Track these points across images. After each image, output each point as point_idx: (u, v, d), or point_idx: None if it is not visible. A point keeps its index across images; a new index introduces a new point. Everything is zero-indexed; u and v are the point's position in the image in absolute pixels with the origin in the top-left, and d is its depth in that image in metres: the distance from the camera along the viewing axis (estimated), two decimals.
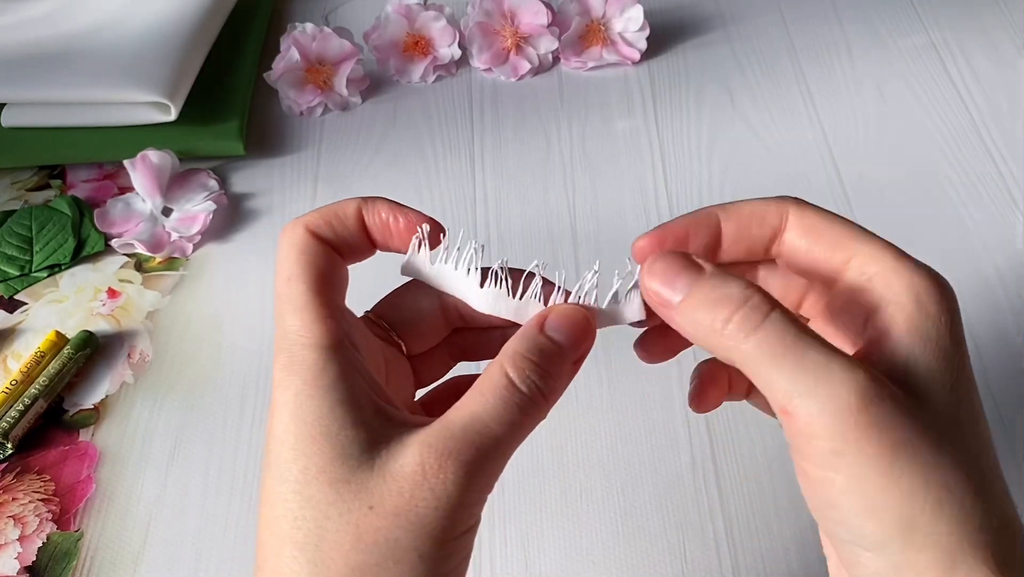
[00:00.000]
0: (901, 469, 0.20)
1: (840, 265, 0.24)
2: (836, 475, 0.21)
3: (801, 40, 0.63)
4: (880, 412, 0.20)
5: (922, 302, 0.22)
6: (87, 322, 0.49)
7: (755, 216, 0.25)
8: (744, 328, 0.21)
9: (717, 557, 0.39)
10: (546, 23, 0.59)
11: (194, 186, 0.54)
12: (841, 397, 0.20)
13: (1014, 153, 0.55)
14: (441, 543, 0.22)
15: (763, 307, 0.22)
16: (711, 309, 0.22)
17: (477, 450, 0.22)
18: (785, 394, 0.21)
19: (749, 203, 0.25)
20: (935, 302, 0.22)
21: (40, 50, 0.57)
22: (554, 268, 0.50)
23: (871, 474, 0.20)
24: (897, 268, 0.23)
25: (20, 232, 0.53)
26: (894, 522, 0.20)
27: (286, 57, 0.58)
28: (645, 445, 0.43)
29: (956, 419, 0.22)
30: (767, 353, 0.21)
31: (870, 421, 0.20)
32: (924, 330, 0.22)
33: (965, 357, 0.22)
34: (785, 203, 0.25)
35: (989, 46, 0.61)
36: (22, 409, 0.44)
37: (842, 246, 0.24)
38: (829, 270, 0.24)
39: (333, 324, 0.24)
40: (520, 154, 0.57)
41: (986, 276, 0.49)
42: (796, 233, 0.25)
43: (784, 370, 0.21)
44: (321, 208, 0.26)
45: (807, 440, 0.21)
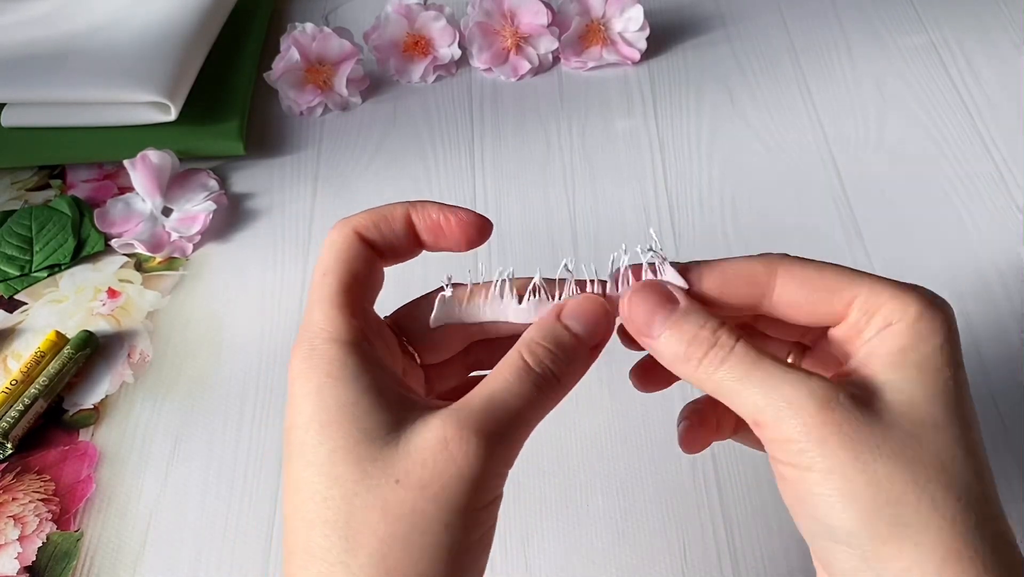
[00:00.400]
0: (864, 461, 0.22)
1: (843, 308, 0.25)
2: (807, 472, 0.23)
3: (801, 40, 0.63)
4: (838, 410, 0.23)
5: (918, 328, 0.24)
6: (87, 322, 0.49)
7: (739, 276, 0.26)
8: (714, 362, 0.24)
9: (717, 557, 0.39)
10: (546, 23, 0.59)
11: (194, 186, 0.54)
12: (799, 400, 0.23)
13: (1014, 153, 0.55)
14: (465, 513, 0.23)
15: (729, 342, 0.24)
16: (686, 347, 0.25)
17: (497, 422, 0.24)
18: (754, 408, 0.24)
19: (735, 263, 0.26)
20: (930, 326, 0.24)
21: (40, 50, 0.57)
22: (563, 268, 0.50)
23: (835, 466, 0.22)
24: (897, 298, 0.24)
25: (20, 232, 0.53)
26: (860, 511, 0.22)
27: (286, 57, 0.58)
28: (645, 445, 0.43)
29: (937, 424, 0.23)
30: (735, 378, 0.24)
31: (827, 418, 0.22)
32: (914, 351, 0.24)
33: (959, 380, 0.24)
34: (773, 261, 0.26)
35: (989, 46, 0.61)
36: (22, 409, 0.44)
37: (841, 290, 0.25)
38: (832, 314, 0.26)
39: (356, 322, 0.25)
40: (520, 154, 0.57)
41: (986, 276, 0.49)
42: (792, 288, 0.26)
43: (750, 388, 0.24)
44: (370, 210, 0.28)
45: (778, 445, 0.23)
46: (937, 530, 0.22)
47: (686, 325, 0.25)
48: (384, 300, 0.33)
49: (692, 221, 0.52)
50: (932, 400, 0.23)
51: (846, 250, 0.50)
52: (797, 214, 0.52)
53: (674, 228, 0.52)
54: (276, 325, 0.49)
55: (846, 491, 0.22)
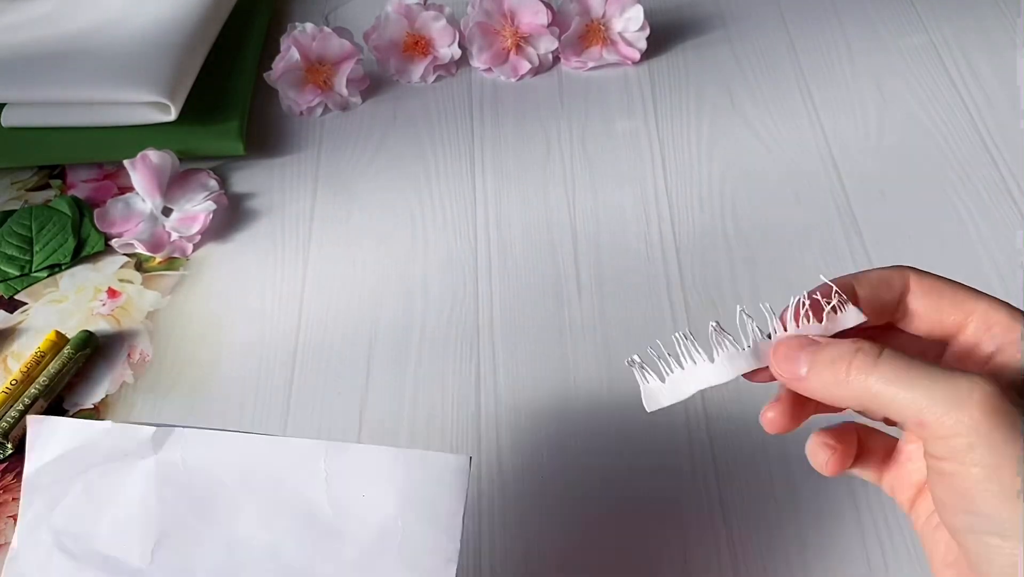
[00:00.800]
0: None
1: (962, 320, 0.27)
2: (972, 467, 0.23)
3: (801, 40, 0.63)
4: (1005, 408, 0.23)
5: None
6: (87, 322, 0.49)
7: (883, 281, 0.28)
8: (864, 371, 0.25)
9: (717, 557, 0.39)
10: (546, 23, 0.59)
11: (194, 186, 0.54)
12: (969, 398, 0.23)
13: (1014, 153, 0.55)
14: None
15: (874, 350, 0.25)
16: (833, 368, 0.26)
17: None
18: (916, 408, 0.24)
19: (876, 271, 0.28)
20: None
21: (40, 50, 0.57)
22: (561, 275, 0.50)
23: (1004, 462, 0.23)
24: (1016, 317, 0.26)
25: (20, 232, 0.53)
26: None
27: (286, 57, 0.58)
28: (645, 445, 0.43)
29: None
30: (891, 381, 0.24)
31: (997, 415, 0.23)
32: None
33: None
34: (905, 270, 0.28)
35: (989, 46, 0.61)
36: (22, 409, 0.44)
37: (962, 304, 0.27)
38: (951, 325, 0.27)
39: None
40: (520, 154, 0.57)
41: (986, 276, 0.49)
42: (918, 294, 0.28)
43: (910, 388, 0.24)
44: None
45: (943, 441, 0.24)
46: None
47: (826, 351, 0.26)
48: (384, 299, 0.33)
49: (692, 221, 0.52)
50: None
51: (846, 250, 0.50)
52: (797, 214, 0.52)
53: (674, 228, 0.52)
54: (276, 325, 0.49)
55: (1012, 487, 0.23)
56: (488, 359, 0.47)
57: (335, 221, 0.54)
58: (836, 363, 0.25)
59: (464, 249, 0.51)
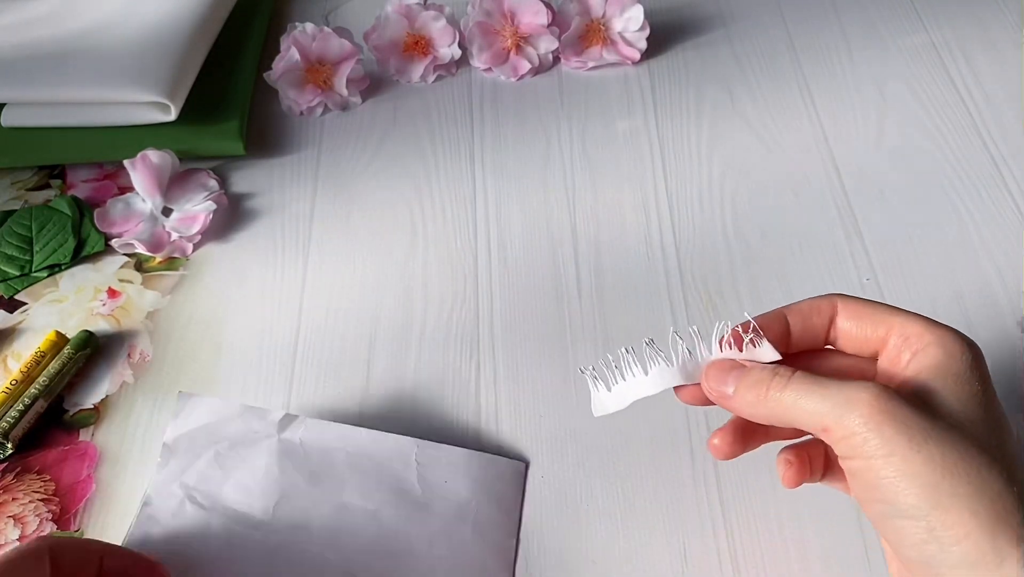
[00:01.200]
0: (918, 444, 0.26)
1: (884, 335, 0.30)
2: (871, 460, 0.27)
3: (801, 40, 0.63)
4: (892, 405, 0.27)
5: (947, 347, 0.29)
6: (87, 322, 0.49)
7: (813, 308, 0.32)
8: (779, 389, 0.29)
9: (717, 557, 0.39)
10: (546, 23, 0.59)
11: (194, 186, 0.54)
12: (859, 400, 0.27)
13: (1014, 153, 0.55)
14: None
15: (787, 372, 0.29)
16: (755, 389, 0.29)
17: None
18: (819, 416, 0.28)
19: (807, 300, 0.32)
20: (958, 347, 0.29)
21: (40, 50, 0.57)
22: (561, 274, 0.50)
23: (895, 450, 0.26)
24: (928, 327, 0.29)
25: (20, 232, 0.53)
26: (921, 486, 0.26)
27: (286, 57, 0.58)
28: (645, 445, 0.43)
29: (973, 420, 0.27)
30: (800, 395, 0.28)
31: (885, 412, 0.26)
32: (947, 365, 0.28)
33: (988, 391, 0.28)
34: (833, 297, 0.32)
35: (989, 46, 0.61)
36: (22, 409, 0.44)
37: (883, 321, 0.30)
38: (876, 341, 0.31)
39: None
40: (520, 154, 0.57)
41: (986, 276, 0.49)
42: (844, 316, 0.31)
43: (814, 400, 0.28)
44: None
45: (845, 442, 0.27)
46: (989, 500, 0.25)
47: (752, 374, 0.30)
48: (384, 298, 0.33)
49: (692, 221, 0.52)
50: (968, 402, 0.28)
51: (846, 250, 0.50)
52: (797, 214, 0.52)
53: (674, 228, 0.52)
54: (276, 324, 0.49)
55: (906, 471, 0.26)
56: (488, 358, 0.47)
57: (335, 221, 0.54)
58: (758, 384, 0.29)
59: (464, 249, 0.51)
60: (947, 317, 0.47)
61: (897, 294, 0.48)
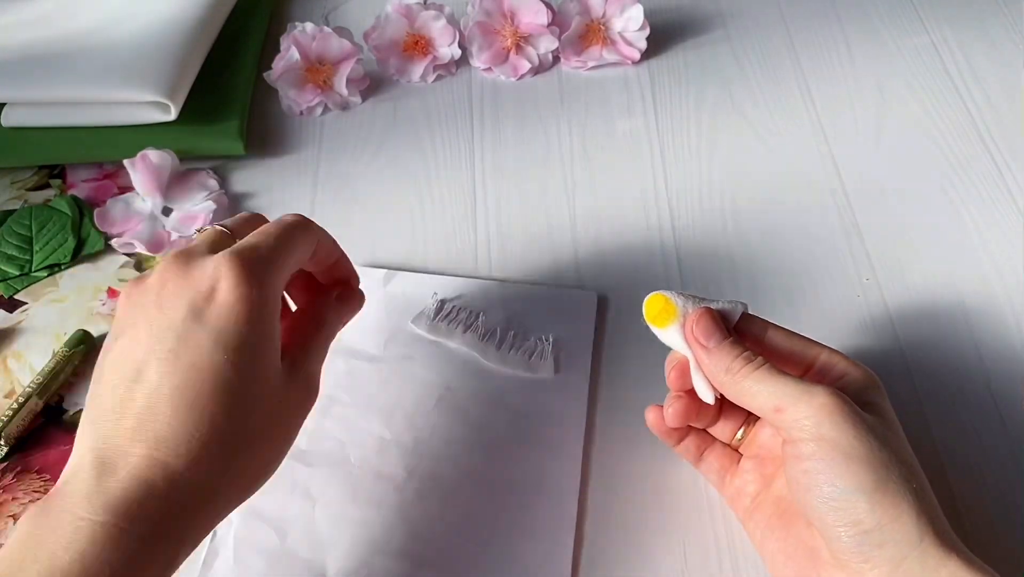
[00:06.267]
0: (863, 434, 0.31)
1: (814, 356, 0.36)
2: (820, 442, 0.31)
3: (801, 40, 0.63)
4: (843, 401, 0.32)
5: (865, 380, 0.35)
6: (87, 322, 0.49)
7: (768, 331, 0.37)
8: (746, 370, 0.33)
9: (717, 557, 0.39)
10: (546, 23, 0.59)
11: (194, 186, 0.54)
12: (816, 391, 0.32)
13: (1014, 153, 0.55)
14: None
15: (758, 360, 0.34)
16: (730, 358, 0.34)
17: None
18: (778, 397, 0.33)
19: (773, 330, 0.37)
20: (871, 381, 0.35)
21: (40, 50, 0.57)
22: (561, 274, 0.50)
23: (843, 436, 0.31)
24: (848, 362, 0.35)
25: (20, 232, 0.53)
26: (867, 469, 0.30)
27: (286, 57, 0.58)
28: (645, 445, 0.43)
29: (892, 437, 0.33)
30: (760, 380, 0.33)
31: (837, 402, 0.32)
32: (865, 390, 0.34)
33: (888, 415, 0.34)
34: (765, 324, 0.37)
35: (989, 46, 0.61)
36: (15, 408, 0.44)
37: (811, 347, 0.36)
38: (807, 357, 0.36)
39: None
40: (520, 154, 0.57)
41: (986, 276, 0.49)
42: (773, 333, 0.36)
43: (773, 386, 0.33)
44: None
45: (796, 423, 0.32)
46: (913, 490, 0.31)
47: (732, 348, 0.34)
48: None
49: (692, 221, 0.52)
50: (886, 425, 0.33)
51: (846, 250, 0.50)
52: (797, 214, 0.52)
53: (674, 228, 0.52)
54: None
55: (853, 455, 0.31)
56: None
57: (335, 221, 0.53)
58: (735, 358, 0.34)
59: (464, 248, 0.51)
60: (947, 317, 0.47)
61: (897, 294, 0.48)
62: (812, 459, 0.31)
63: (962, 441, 0.42)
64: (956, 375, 0.45)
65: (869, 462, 0.30)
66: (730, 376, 0.34)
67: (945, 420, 0.43)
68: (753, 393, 0.33)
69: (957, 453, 0.42)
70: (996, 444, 0.42)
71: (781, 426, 0.33)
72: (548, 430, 0.43)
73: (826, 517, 0.31)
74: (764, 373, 0.33)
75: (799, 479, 0.32)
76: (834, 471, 0.31)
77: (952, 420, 0.43)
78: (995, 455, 0.42)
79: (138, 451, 0.29)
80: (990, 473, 0.41)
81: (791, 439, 0.32)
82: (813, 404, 0.31)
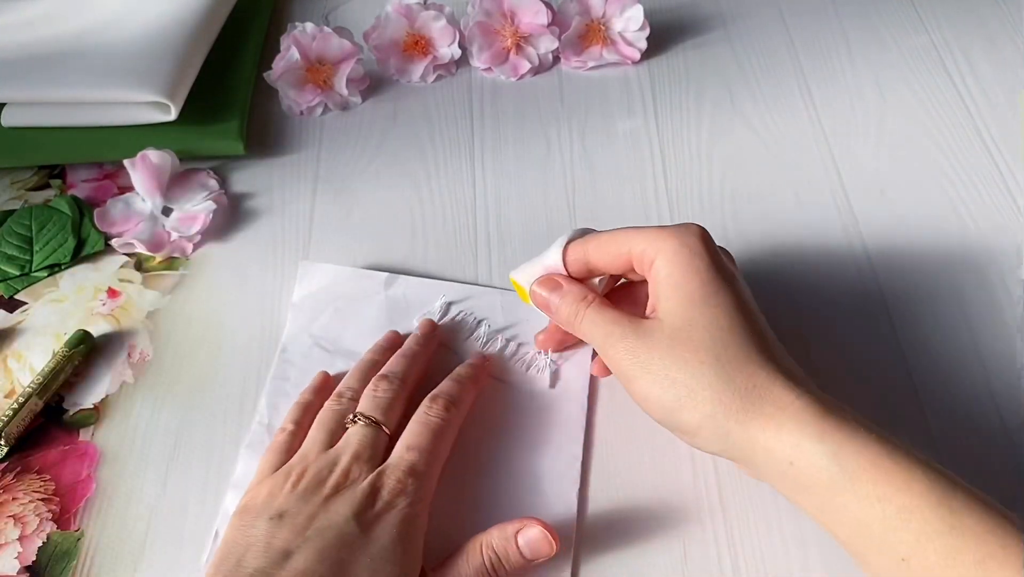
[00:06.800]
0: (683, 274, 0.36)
1: (627, 252, 0.38)
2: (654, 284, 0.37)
3: (801, 40, 0.63)
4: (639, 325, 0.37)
5: (672, 258, 0.37)
6: (87, 322, 0.49)
7: (585, 244, 0.40)
8: (588, 311, 0.38)
9: (717, 557, 0.39)
10: (546, 23, 0.59)
11: (194, 186, 0.54)
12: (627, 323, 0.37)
13: (1014, 153, 0.55)
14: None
15: (589, 297, 0.39)
16: (565, 313, 0.39)
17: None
18: (603, 338, 0.38)
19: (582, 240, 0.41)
20: (675, 254, 0.37)
21: (40, 50, 0.57)
22: None
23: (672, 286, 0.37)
24: (651, 242, 0.37)
25: (20, 232, 0.53)
26: (690, 290, 0.36)
27: (286, 57, 0.58)
28: (645, 445, 0.43)
29: (709, 283, 0.36)
30: (593, 322, 0.38)
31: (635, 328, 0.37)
32: (669, 275, 0.37)
33: (709, 281, 0.36)
34: (588, 233, 0.41)
35: (990, 46, 0.61)
36: (16, 407, 0.44)
37: (623, 243, 0.38)
38: (623, 254, 0.38)
39: None
40: (520, 154, 0.57)
41: (986, 275, 0.49)
42: (593, 248, 0.39)
43: (604, 314, 0.38)
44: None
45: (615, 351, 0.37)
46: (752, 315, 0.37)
47: (568, 297, 0.39)
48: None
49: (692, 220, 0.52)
50: (693, 310, 0.36)
51: (846, 249, 0.50)
52: (797, 213, 0.52)
53: None
54: (276, 325, 0.49)
55: (680, 279, 0.36)
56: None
57: (335, 221, 0.54)
58: (566, 308, 0.39)
59: (464, 248, 0.51)
60: (947, 317, 0.47)
61: (897, 294, 0.48)
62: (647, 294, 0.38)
63: (962, 441, 0.42)
64: (956, 375, 0.45)
65: (688, 285, 0.36)
66: (572, 326, 0.39)
67: (945, 419, 0.43)
68: (590, 335, 0.38)
69: (957, 453, 0.42)
70: (996, 444, 0.42)
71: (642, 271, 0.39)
72: (548, 430, 0.43)
73: (664, 328, 0.36)
74: (595, 309, 0.38)
75: (620, 375, 0.37)
76: (670, 295, 0.36)
77: (952, 419, 0.43)
78: (993, 455, 0.42)
79: None
80: (990, 473, 0.41)
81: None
82: (627, 335, 0.36)
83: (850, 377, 0.45)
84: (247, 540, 0.35)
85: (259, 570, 0.33)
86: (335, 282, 0.49)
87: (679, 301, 0.36)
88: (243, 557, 0.34)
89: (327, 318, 0.48)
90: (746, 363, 0.34)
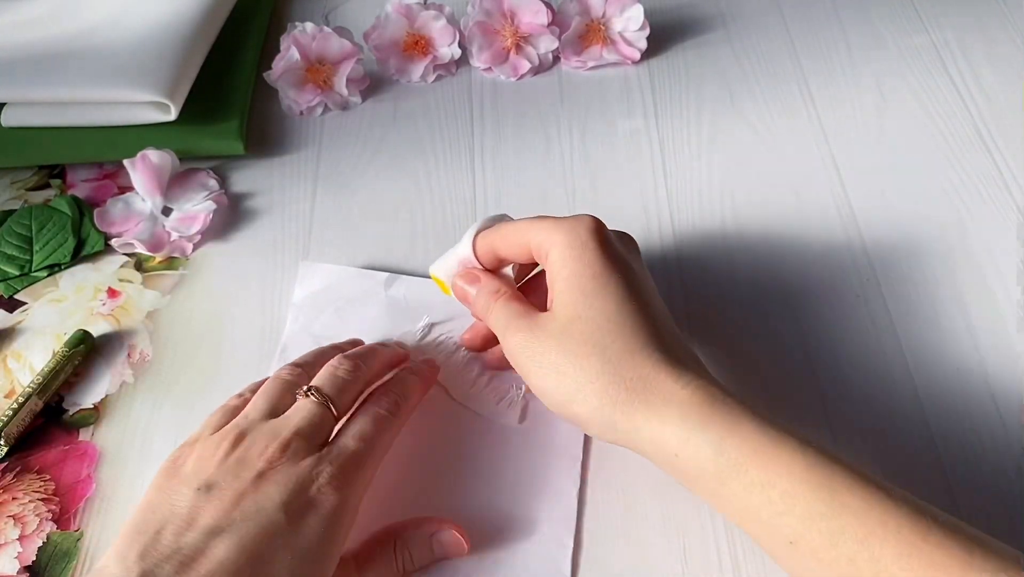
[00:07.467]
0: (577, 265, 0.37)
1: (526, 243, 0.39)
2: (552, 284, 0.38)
3: (801, 40, 0.63)
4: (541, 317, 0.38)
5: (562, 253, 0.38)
6: (87, 322, 0.49)
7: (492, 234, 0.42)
8: (496, 305, 0.39)
9: (717, 557, 0.39)
10: (546, 23, 0.59)
11: (194, 186, 0.54)
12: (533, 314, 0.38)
13: (1014, 153, 0.55)
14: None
15: (503, 291, 0.40)
16: (479, 307, 0.40)
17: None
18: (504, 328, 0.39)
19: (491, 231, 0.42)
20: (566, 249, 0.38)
21: (40, 50, 0.57)
22: None
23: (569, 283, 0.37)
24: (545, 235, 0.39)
25: (20, 232, 0.53)
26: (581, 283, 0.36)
27: (286, 57, 0.58)
28: None
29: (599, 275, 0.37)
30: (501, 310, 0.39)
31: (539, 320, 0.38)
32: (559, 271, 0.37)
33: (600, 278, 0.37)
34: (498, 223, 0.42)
35: (990, 46, 0.61)
36: (15, 407, 0.44)
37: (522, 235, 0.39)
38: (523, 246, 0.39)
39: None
40: (520, 154, 0.57)
41: (986, 276, 0.49)
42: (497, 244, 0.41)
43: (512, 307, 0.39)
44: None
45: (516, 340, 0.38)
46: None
47: (484, 290, 0.40)
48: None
49: (692, 221, 0.52)
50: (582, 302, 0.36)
51: (846, 249, 0.50)
52: (797, 213, 0.52)
53: (674, 228, 0.52)
54: (276, 325, 0.49)
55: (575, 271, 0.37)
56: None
57: (335, 220, 0.54)
58: (488, 297, 0.40)
59: None
60: (947, 317, 0.47)
61: (897, 294, 0.48)
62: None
63: (962, 440, 0.42)
64: (956, 375, 0.45)
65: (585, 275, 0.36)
66: (486, 319, 0.40)
67: (945, 420, 0.43)
68: (496, 328, 0.39)
69: (957, 452, 0.42)
70: (996, 444, 0.42)
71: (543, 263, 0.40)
72: (548, 430, 0.43)
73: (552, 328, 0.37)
74: (504, 302, 0.39)
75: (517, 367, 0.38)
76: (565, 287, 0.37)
77: (952, 420, 0.43)
78: (993, 455, 0.42)
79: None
80: (990, 473, 0.41)
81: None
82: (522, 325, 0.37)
83: (850, 377, 0.45)
84: (170, 509, 0.33)
85: (177, 551, 0.31)
86: (335, 282, 0.49)
87: (570, 294, 0.36)
88: (162, 530, 0.32)
89: (327, 318, 0.48)
90: (633, 354, 0.35)
